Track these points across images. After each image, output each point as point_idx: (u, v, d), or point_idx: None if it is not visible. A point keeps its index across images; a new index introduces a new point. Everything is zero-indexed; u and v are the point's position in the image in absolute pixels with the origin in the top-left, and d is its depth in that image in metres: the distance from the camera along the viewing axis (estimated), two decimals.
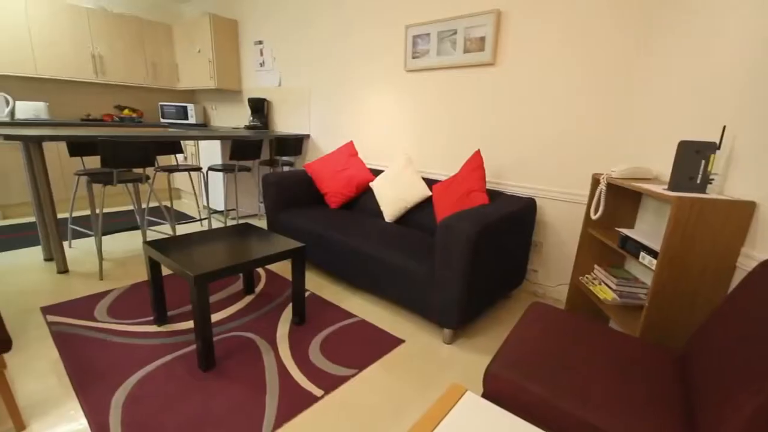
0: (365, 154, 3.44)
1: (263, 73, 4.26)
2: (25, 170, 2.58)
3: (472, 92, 2.62)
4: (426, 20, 2.74)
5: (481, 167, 2.24)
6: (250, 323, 2.04)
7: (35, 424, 1.34)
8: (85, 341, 1.80)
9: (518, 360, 1.14)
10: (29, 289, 2.30)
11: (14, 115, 3.86)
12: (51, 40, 3.93)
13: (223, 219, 4.00)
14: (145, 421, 1.36)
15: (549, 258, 2.48)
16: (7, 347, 1.21)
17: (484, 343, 1.98)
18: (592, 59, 2.11)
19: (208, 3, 4.76)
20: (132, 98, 4.92)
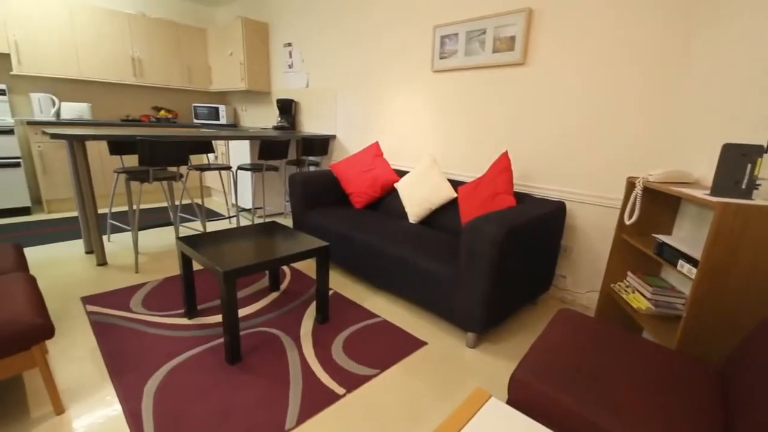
0: (390, 154, 3.44)
1: (292, 75, 4.35)
2: (70, 167, 2.73)
3: (500, 92, 2.58)
4: (454, 20, 2.71)
5: (508, 169, 2.20)
6: (275, 320, 2.08)
7: (73, 407, 1.41)
8: (121, 331, 1.89)
9: (546, 367, 1.10)
10: (71, 279, 2.43)
11: (60, 116, 4.10)
12: (94, 45, 4.15)
13: (250, 217, 4.10)
14: (175, 410, 1.41)
15: (578, 264, 2.40)
16: (50, 334, 1.28)
17: (508, 349, 1.94)
18: (630, 58, 2.03)
19: (241, 7, 4.90)
20: (168, 99, 5.13)
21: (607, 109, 2.14)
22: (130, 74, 4.47)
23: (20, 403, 1.41)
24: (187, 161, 2.72)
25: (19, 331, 1.22)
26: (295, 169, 4.13)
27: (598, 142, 2.20)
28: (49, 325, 1.28)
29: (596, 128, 2.20)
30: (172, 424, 1.35)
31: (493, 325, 1.93)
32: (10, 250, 1.78)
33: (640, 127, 2.05)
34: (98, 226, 2.62)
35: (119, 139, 2.53)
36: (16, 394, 1.45)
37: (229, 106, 5.22)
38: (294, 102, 4.33)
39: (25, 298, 1.34)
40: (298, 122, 4.43)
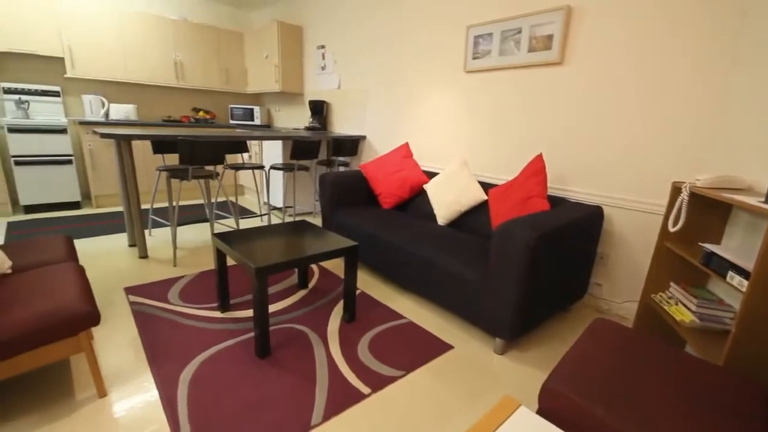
0: (420, 155, 3.43)
1: (324, 76, 4.42)
2: (117, 165, 2.90)
3: (535, 93, 2.51)
4: (489, 20, 2.66)
5: (542, 172, 2.13)
6: (303, 317, 2.12)
7: (114, 392, 1.50)
8: (160, 321, 1.98)
9: (579, 378, 1.06)
10: (115, 270, 2.58)
11: (109, 116, 4.36)
12: (140, 49, 4.39)
13: (281, 215, 4.20)
14: (208, 400, 1.46)
15: (616, 272, 2.29)
16: (96, 321, 1.36)
17: (538, 357, 1.88)
18: (677, 58, 1.92)
19: (277, 11, 5.03)
20: (206, 101, 5.35)
21: (650, 110, 2.04)
22: (173, 77, 4.69)
23: (67, 386, 1.51)
24: (223, 160, 2.83)
25: (70, 317, 1.30)
26: (326, 169, 4.19)
27: (640, 144, 2.10)
28: (96, 313, 1.37)
29: (639, 130, 2.09)
30: (205, 413, 1.40)
31: (522, 331, 1.87)
32: (63, 242, 1.91)
33: (687, 129, 1.93)
34: (141, 221, 2.77)
35: (162, 139, 2.66)
36: (63, 376, 1.56)
37: (263, 107, 5.37)
38: (326, 103, 4.39)
39: (75, 287, 1.43)
40: (329, 123, 4.49)
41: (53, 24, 3.81)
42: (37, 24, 3.73)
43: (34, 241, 1.89)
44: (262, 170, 4.37)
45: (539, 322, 2.00)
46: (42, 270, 1.57)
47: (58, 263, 1.67)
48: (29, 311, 1.27)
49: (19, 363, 1.26)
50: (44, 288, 1.41)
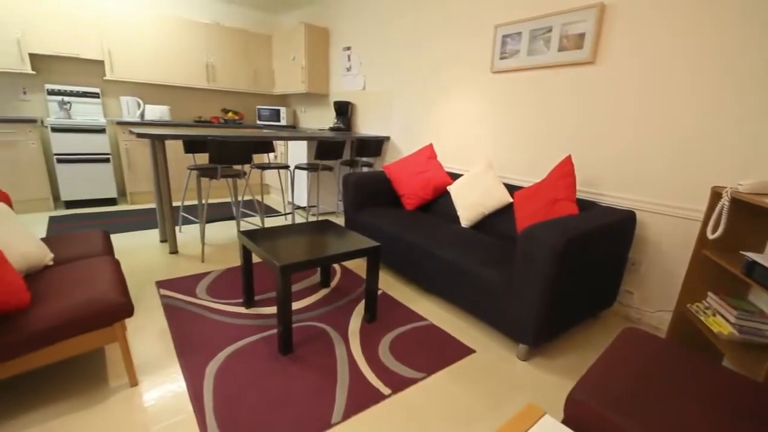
0: (444, 157, 3.40)
1: (349, 78, 4.46)
2: (151, 164, 3.02)
3: (565, 93, 2.44)
4: (518, 19, 2.61)
5: (571, 174, 2.07)
6: (325, 315, 2.14)
7: (145, 381, 1.56)
8: (188, 315, 2.05)
9: (608, 388, 1.02)
10: (147, 265, 2.69)
11: (144, 117, 4.55)
12: (175, 52, 4.56)
13: (305, 214, 4.26)
14: (232, 393, 1.50)
15: (648, 279, 2.20)
16: (130, 313, 1.42)
17: (564, 365, 1.82)
18: (720, 57, 1.82)
19: (305, 13, 5.11)
20: (235, 102, 5.49)
21: (688, 111, 1.94)
22: (204, 79, 4.84)
23: (101, 373, 1.58)
24: (250, 160, 2.90)
25: (106, 308, 1.37)
26: (349, 169, 4.22)
27: (678, 146, 2.00)
28: (130, 305, 1.43)
29: (675, 132, 2.00)
30: (229, 406, 1.44)
31: (547, 338, 1.83)
32: (100, 236, 2.00)
33: (727, 131, 1.83)
34: (172, 218, 2.87)
35: (193, 139, 2.76)
36: (98, 364, 1.63)
37: (289, 108, 5.47)
38: (350, 104, 4.43)
39: (111, 280, 1.50)
40: (354, 124, 4.52)
41: (94, 29, 4.01)
42: (80, 29, 3.93)
43: (73, 235, 2.00)
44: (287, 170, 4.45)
45: (565, 329, 1.94)
46: (81, 262, 1.65)
47: (96, 256, 1.76)
48: (70, 301, 1.34)
49: (60, 350, 1.33)
50: (83, 280, 1.49)
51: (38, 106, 4.08)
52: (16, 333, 1.21)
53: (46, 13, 3.72)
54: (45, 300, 1.34)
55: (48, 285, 1.45)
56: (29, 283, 1.47)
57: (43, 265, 1.60)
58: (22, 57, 3.67)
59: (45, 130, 3.92)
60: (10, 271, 1.27)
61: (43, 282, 1.47)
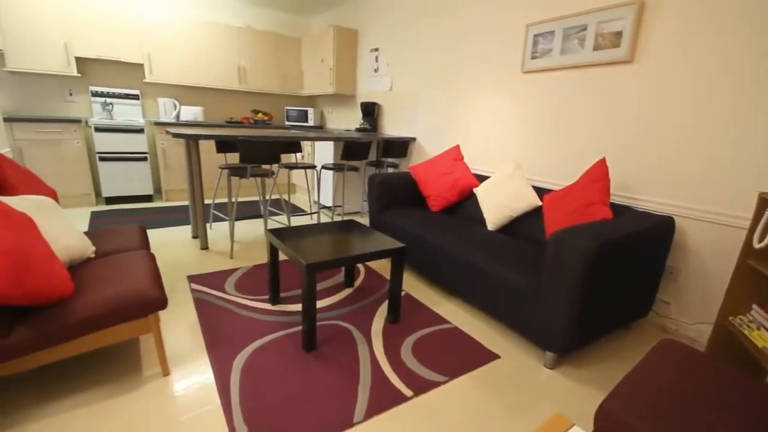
0: (471, 158, 3.36)
1: (376, 79, 4.48)
2: (186, 162, 3.14)
3: (599, 93, 2.36)
4: (551, 17, 2.55)
5: (605, 177, 2.00)
6: (348, 314, 2.15)
7: (176, 371, 1.62)
8: (217, 309, 2.11)
9: (642, 402, 0.98)
10: (179, 259, 2.79)
11: (179, 117, 4.74)
12: (209, 56, 4.72)
13: (330, 214, 4.31)
14: (257, 388, 1.53)
15: (687, 289, 2.09)
16: (164, 305, 1.48)
17: (593, 375, 1.76)
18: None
19: (335, 15, 5.18)
20: (265, 103, 5.63)
21: (735, 113, 1.83)
22: (236, 81, 4.99)
23: (136, 363, 1.65)
24: (279, 160, 2.96)
25: (143, 300, 1.43)
26: (375, 170, 4.24)
27: (723, 150, 1.89)
28: (164, 298, 1.49)
29: (722, 134, 1.89)
30: (255, 399, 1.47)
31: (576, 347, 1.77)
32: (138, 231, 2.10)
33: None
34: (204, 215, 2.97)
35: (225, 139, 2.85)
36: (133, 353, 1.71)
37: (316, 109, 5.55)
38: (377, 105, 4.45)
39: (148, 273, 1.57)
40: (380, 124, 4.54)
41: (135, 34, 4.21)
42: (122, 34, 4.14)
43: (113, 229, 2.10)
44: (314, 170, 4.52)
45: (596, 338, 1.87)
46: (120, 256, 1.74)
47: (134, 250, 1.84)
48: (109, 293, 1.41)
49: (99, 338, 1.40)
50: (122, 273, 1.56)
51: (83, 107, 4.32)
52: (60, 320, 1.29)
53: (91, 19, 3.94)
54: (87, 290, 1.42)
55: (89, 276, 1.53)
56: (72, 274, 1.55)
57: (85, 258, 1.70)
58: (69, 61, 3.90)
59: (89, 130, 4.15)
60: (56, 262, 1.35)
61: (85, 273, 1.56)
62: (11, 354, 1.21)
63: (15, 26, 3.57)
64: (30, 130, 3.64)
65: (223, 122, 5.11)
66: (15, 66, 3.65)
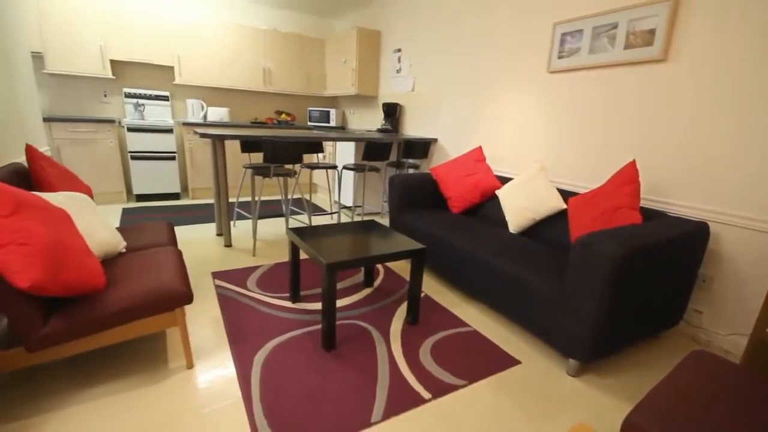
0: (493, 160, 3.31)
1: (399, 79, 4.48)
2: (212, 162, 3.22)
3: (629, 93, 2.28)
4: (579, 15, 2.48)
5: (635, 180, 1.93)
6: (367, 314, 2.16)
7: (199, 364, 1.66)
8: (239, 305, 2.16)
9: (672, 416, 0.94)
10: (204, 256, 2.87)
11: (206, 118, 4.88)
12: (235, 58, 4.84)
13: (350, 214, 4.33)
14: (277, 383, 1.56)
15: (721, 298, 1.99)
16: (190, 300, 1.53)
17: (619, 385, 1.70)
18: None
19: (358, 17, 5.21)
20: (288, 104, 5.72)
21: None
22: (261, 82, 5.10)
23: (162, 355, 1.71)
24: (301, 160, 3.00)
25: (171, 294, 1.48)
26: (395, 170, 4.24)
27: (760, 154, 1.80)
28: (190, 293, 1.53)
29: (760, 137, 1.79)
30: (274, 395, 1.49)
31: (601, 355, 1.71)
32: (166, 227, 2.17)
33: None
34: (228, 213, 3.05)
35: (249, 139, 2.91)
36: (159, 346, 1.76)
37: (338, 110, 5.60)
38: (399, 105, 4.44)
39: (175, 269, 1.62)
40: (401, 125, 4.54)
41: (166, 37, 4.36)
42: (154, 37, 4.29)
43: (143, 226, 2.18)
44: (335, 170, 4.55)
45: (622, 346, 1.81)
46: (149, 251, 1.80)
47: (162, 246, 1.91)
48: (139, 286, 1.47)
49: (129, 330, 1.46)
50: (151, 267, 1.62)
51: (116, 107, 4.51)
52: (93, 312, 1.34)
53: (126, 23, 4.11)
54: (118, 284, 1.48)
55: (121, 270, 1.59)
56: (105, 267, 1.62)
57: (117, 252, 1.77)
58: (104, 63, 4.07)
59: (121, 130, 4.32)
60: (90, 256, 1.41)
61: (117, 267, 1.62)
62: (47, 342, 1.28)
63: (54, 30, 3.76)
64: (67, 129, 3.82)
65: (248, 123, 5.23)
66: (54, 68, 3.84)
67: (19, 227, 1.19)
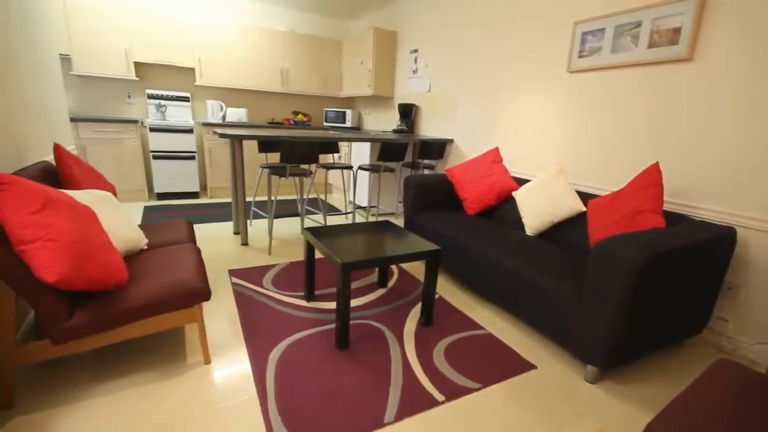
0: (510, 161, 3.26)
1: (415, 80, 4.47)
2: (230, 161, 3.28)
3: (652, 93, 2.22)
4: (601, 14, 2.43)
5: (657, 183, 1.87)
6: (381, 315, 2.16)
7: (216, 360, 1.69)
8: (255, 303, 2.19)
9: (694, 425, 0.91)
10: (221, 253, 2.92)
11: (225, 119, 4.96)
12: (254, 59, 4.92)
13: (365, 215, 4.34)
14: (292, 381, 1.57)
15: (748, 306, 1.91)
16: (208, 297, 1.56)
17: (639, 394, 1.65)
18: None
19: (375, 18, 5.22)
20: (305, 104, 5.78)
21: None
22: (279, 83, 5.16)
23: (181, 350, 1.74)
24: (317, 160, 3.02)
25: (190, 291, 1.51)
26: (411, 171, 4.23)
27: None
28: (208, 290, 1.56)
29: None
30: (289, 392, 1.51)
31: (621, 362, 1.67)
32: (185, 225, 2.22)
33: None
34: (245, 212, 3.09)
35: (267, 139, 2.95)
36: (178, 341, 1.80)
37: (354, 110, 5.62)
38: (414, 106, 4.43)
39: (194, 266, 1.66)
40: (417, 126, 4.52)
41: (188, 39, 4.46)
42: (176, 40, 4.40)
43: (164, 223, 2.24)
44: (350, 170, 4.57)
45: (643, 353, 1.76)
46: (170, 248, 1.84)
47: (182, 243, 1.95)
48: (160, 282, 1.50)
49: (149, 325, 1.50)
50: (171, 264, 1.66)
51: (139, 108, 4.63)
52: (116, 306, 1.39)
53: (150, 27, 4.22)
54: (140, 280, 1.52)
55: (142, 266, 1.63)
56: (127, 264, 1.67)
57: (139, 249, 1.81)
58: (129, 65, 4.19)
59: (144, 130, 4.44)
60: (114, 252, 1.45)
61: (139, 263, 1.66)
62: (72, 335, 1.32)
63: (81, 34, 3.89)
64: (92, 129, 3.95)
65: (266, 123, 5.30)
66: (80, 70, 3.98)
67: (47, 223, 1.24)
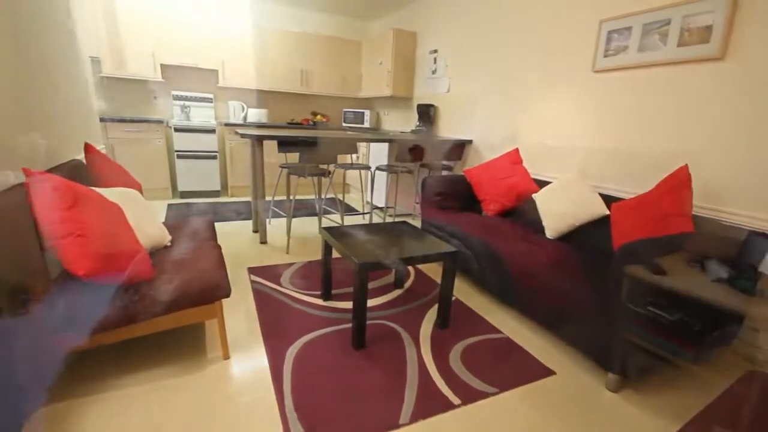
0: (531, 162, 3.20)
1: (434, 80, 4.45)
2: (251, 161, 3.34)
3: (682, 93, 2.14)
4: (628, 12, 2.36)
5: (686, 187, 1.81)
6: (397, 316, 2.15)
7: (234, 356, 1.72)
8: (273, 300, 2.22)
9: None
10: (241, 251, 2.98)
11: (246, 119, 5.06)
12: (275, 61, 4.99)
13: (382, 215, 4.35)
14: (308, 379, 1.59)
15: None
16: (228, 294, 1.59)
17: (662, 404, 1.60)
18: None
19: (394, 18, 5.22)
20: (323, 105, 5.83)
21: None
22: (298, 84, 5.23)
23: (201, 345, 1.78)
24: (336, 160, 3.05)
25: (211, 287, 1.55)
26: (428, 172, 4.21)
27: None
28: (229, 287, 1.60)
29: None
30: (306, 390, 1.52)
31: (644, 371, 1.62)
32: (207, 223, 2.27)
33: None
34: (264, 211, 3.14)
35: (286, 140, 2.99)
36: (198, 337, 1.85)
37: (372, 111, 5.64)
38: (433, 107, 4.41)
39: (215, 263, 1.70)
40: (436, 126, 4.50)
41: (212, 42, 4.57)
42: (201, 42, 4.51)
43: (186, 221, 2.29)
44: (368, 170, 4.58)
45: (668, 363, 1.70)
46: (192, 245, 1.89)
47: (203, 241, 2.00)
48: (183, 278, 1.54)
49: (171, 320, 1.54)
50: (193, 261, 1.70)
51: (165, 109, 4.77)
52: (142, 300, 1.43)
53: (176, 30, 4.34)
54: (164, 275, 1.56)
55: (166, 262, 1.68)
56: (151, 259, 1.72)
57: (163, 245, 1.87)
58: (155, 67, 4.32)
59: (169, 130, 4.56)
60: (139, 248, 1.50)
61: (162, 259, 1.71)
62: (98, 327, 1.37)
63: (110, 37, 4.03)
64: (120, 129, 4.09)
65: (285, 123, 5.37)
66: (109, 72, 4.12)
67: (78, 219, 1.29)
